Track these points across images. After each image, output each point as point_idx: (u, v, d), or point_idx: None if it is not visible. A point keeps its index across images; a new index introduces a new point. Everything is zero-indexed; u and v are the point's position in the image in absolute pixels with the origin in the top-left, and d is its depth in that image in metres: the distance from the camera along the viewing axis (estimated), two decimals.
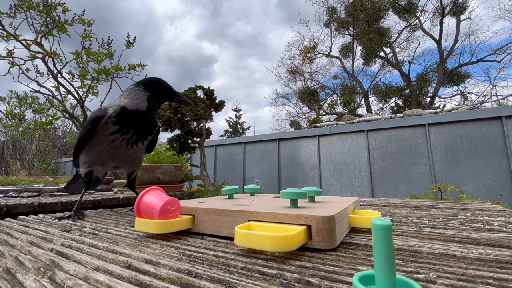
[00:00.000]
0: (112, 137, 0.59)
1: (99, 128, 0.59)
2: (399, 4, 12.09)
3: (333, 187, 3.09)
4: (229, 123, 18.96)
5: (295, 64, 15.37)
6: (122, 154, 0.62)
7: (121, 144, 0.60)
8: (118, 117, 0.59)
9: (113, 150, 0.61)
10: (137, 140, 0.62)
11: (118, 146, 0.60)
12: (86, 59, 3.11)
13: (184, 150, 3.09)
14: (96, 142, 0.61)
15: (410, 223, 0.51)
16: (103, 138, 0.60)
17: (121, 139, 0.60)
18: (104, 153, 0.61)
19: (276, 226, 0.36)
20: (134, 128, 0.61)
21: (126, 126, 0.60)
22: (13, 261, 0.32)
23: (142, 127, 0.62)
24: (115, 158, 0.63)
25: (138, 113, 0.60)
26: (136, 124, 0.61)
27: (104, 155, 0.62)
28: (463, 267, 0.27)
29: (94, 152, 0.62)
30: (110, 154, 0.61)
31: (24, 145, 4.59)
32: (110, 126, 0.59)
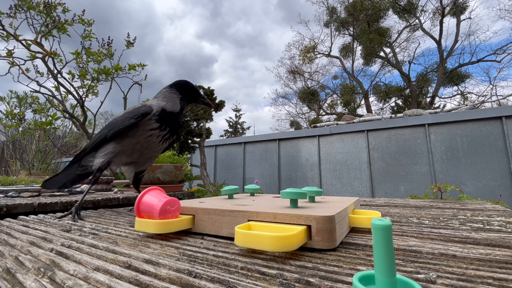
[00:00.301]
0: (151, 132, 0.64)
1: (142, 123, 0.63)
2: (399, 4, 12.09)
3: (333, 187, 3.09)
4: (229, 123, 18.96)
5: (295, 64, 15.38)
6: (151, 149, 0.67)
7: (156, 139, 0.65)
8: (160, 116, 0.65)
9: (146, 144, 0.65)
10: (168, 138, 0.68)
11: (153, 141, 0.65)
12: (86, 59, 3.11)
13: (184, 150, 3.09)
14: (134, 135, 0.64)
15: (410, 223, 0.51)
16: (141, 132, 0.64)
17: (158, 135, 0.65)
18: (138, 145, 0.65)
19: (276, 226, 0.36)
20: (170, 127, 0.66)
21: (164, 124, 0.65)
22: (13, 261, 0.32)
23: (175, 126, 0.68)
24: (143, 152, 0.67)
25: (173, 114, 0.66)
26: (171, 123, 0.66)
27: (136, 147, 0.65)
28: (463, 267, 0.27)
29: (128, 143, 0.64)
30: (142, 148, 0.66)
31: (24, 145, 4.59)
32: (153, 123, 0.64)
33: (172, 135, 0.68)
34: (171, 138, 0.69)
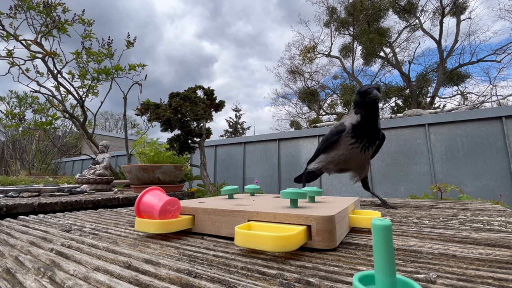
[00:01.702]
0: (351, 146, 0.74)
1: (342, 139, 0.74)
2: (399, 4, 12.09)
3: (333, 187, 3.09)
4: (229, 123, 18.96)
5: (295, 64, 15.37)
6: (355, 159, 0.75)
7: (357, 150, 0.74)
8: (354, 132, 0.73)
9: (350, 155, 0.75)
10: (368, 146, 0.74)
11: (355, 152, 0.74)
12: (86, 59, 3.11)
13: (184, 150, 3.09)
14: (338, 148, 0.76)
15: (410, 223, 0.51)
16: (343, 146, 0.75)
17: (357, 146, 0.73)
18: (343, 156, 0.76)
19: (276, 226, 0.36)
20: (367, 137, 0.72)
21: (360, 137, 0.72)
22: (13, 261, 0.32)
23: (370, 135, 0.73)
24: (348, 162, 0.77)
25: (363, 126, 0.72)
26: (366, 133, 0.72)
27: (341, 158, 0.76)
28: (463, 267, 0.27)
29: (334, 155, 0.77)
30: (346, 158, 0.76)
31: (24, 145, 4.59)
32: (350, 138, 0.73)
33: (370, 144, 0.73)
34: (371, 147, 0.74)
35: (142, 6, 60.80)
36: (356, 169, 0.80)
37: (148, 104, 3.17)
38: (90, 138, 3.05)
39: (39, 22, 2.92)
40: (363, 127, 0.72)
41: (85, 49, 3.09)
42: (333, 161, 0.79)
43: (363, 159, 0.76)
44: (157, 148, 1.65)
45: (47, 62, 2.90)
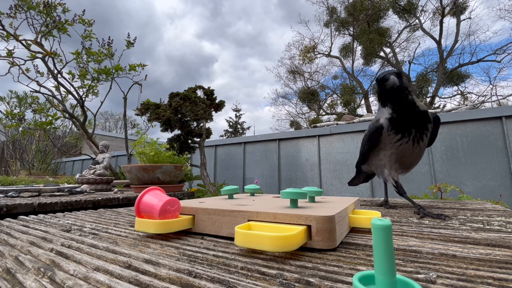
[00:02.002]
0: (399, 143, 0.64)
1: (382, 138, 0.66)
2: (399, 4, 12.09)
3: (333, 187, 3.09)
4: (229, 123, 18.96)
5: (295, 64, 15.38)
6: (409, 155, 0.65)
7: (407, 146, 0.64)
8: (394, 127, 0.63)
9: (401, 153, 0.65)
10: (420, 136, 0.63)
11: (406, 148, 0.64)
12: (86, 59, 3.11)
13: (184, 150, 3.09)
14: (385, 149, 0.67)
15: (410, 223, 0.51)
16: (389, 145, 0.65)
17: (406, 141, 0.63)
18: (393, 157, 0.66)
19: (276, 226, 0.36)
20: (414, 127, 0.62)
21: (406, 129, 0.63)
22: (13, 261, 0.32)
23: (416, 122, 0.62)
24: (402, 160, 0.67)
25: (400, 116, 0.62)
26: (410, 123, 0.62)
27: (393, 159, 0.67)
28: (463, 267, 0.27)
29: (384, 156, 0.68)
30: (398, 157, 0.66)
31: (24, 145, 4.59)
32: (394, 135, 0.64)
33: (421, 132, 0.63)
34: (425, 134, 0.63)
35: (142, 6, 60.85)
36: (413, 165, 0.69)
37: (148, 104, 3.17)
38: (90, 138, 3.05)
39: (39, 22, 2.92)
40: (402, 117, 0.62)
41: (85, 49, 3.09)
42: (385, 165, 0.68)
43: (418, 152, 0.65)
44: (157, 148, 1.65)
45: (47, 62, 2.90)
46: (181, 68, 54.35)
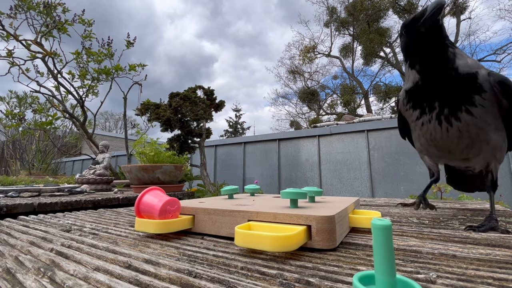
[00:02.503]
0: (420, 121, 0.47)
1: (403, 114, 0.51)
2: (399, 4, 12.09)
3: (333, 187, 3.09)
4: (229, 123, 18.96)
5: (295, 64, 15.39)
6: (442, 139, 0.46)
7: (431, 126, 0.46)
8: (411, 99, 0.47)
9: (429, 136, 0.47)
10: (451, 114, 0.43)
11: (431, 130, 0.46)
12: (86, 59, 3.11)
13: (184, 150, 3.09)
14: (413, 132, 0.52)
15: (410, 223, 0.51)
16: (412, 125, 0.50)
17: (428, 120, 0.46)
18: (422, 140, 0.50)
19: (276, 226, 0.36)
20: (438, 100, 0.43)
21: (425, 102, 0.45)
22: (13, 261, 0.32)
23: (445, 94, 0.42)
24: (438, 146, 0.48)
25: (426, 81, 0.44)
26: (435, 91, 0.43)
27: (423, 143, 0.50)
28: (463, 267, 0.27)
29: (415, 139, 0.53)
30: (429, 142, 0.49)
31: (24, 145, 4.59)
32: (411, 111, 0.49)
33: (452, 107, 0.43)
34: (463, 110, 0.42)
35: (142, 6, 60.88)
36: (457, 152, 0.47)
37: (148, 104, 3.17)
38: (90, 138, 3.05)
39: (39, 22, 2.92)
40: (426, 84, 0.44)
41: (85, 49, 3.09)
42: (422, 150, 0.53)
43: (455, 136, 0.44)
44: (157, 148, 1.65)
45: (47, 62, 2.90)
46: (181, 68, 54.37)
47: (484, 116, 0.42)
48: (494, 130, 0.43)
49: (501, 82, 0.41)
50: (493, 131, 0.43)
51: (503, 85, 0.41)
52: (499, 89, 0.41)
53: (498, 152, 0.45)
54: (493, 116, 0.43)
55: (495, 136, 0.43)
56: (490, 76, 0.42)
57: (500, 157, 0.46)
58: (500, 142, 0.44)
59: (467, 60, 0.43)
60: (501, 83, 0.41)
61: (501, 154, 0.45)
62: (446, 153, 0.49)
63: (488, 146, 0.44)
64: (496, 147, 0.44)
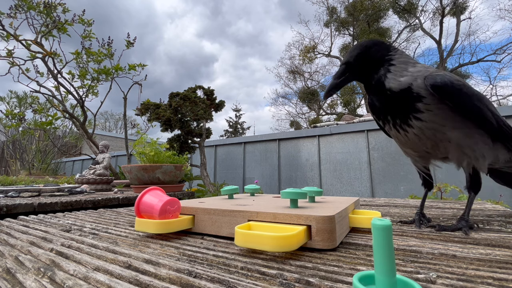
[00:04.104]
0: (387, 128, 0.51)
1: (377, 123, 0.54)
2: (399, 4, 12.09)
3: (333, 187, 3.09)
4: (229, 123, 18.97)
5: (295, 64, 15.39)
6: (409, 143, 0.50)
7: (394, 132, 0.50)
8: (373, 112, 0.50)
9: (397, 140, 0.52)
10: (404, 123, 0.46)
11: (396, 135, 0.50)
12: (86, 59, 3.12)
13: (184, 150, 3.09)
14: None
15: (410, 223, 0.51)
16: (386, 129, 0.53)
17: (389, 128, 0.50)
18: (397, 143, 0.53)
19: (276, 226, 0.36)
20: (389, 114, 0.47)
21: (381, 116, 0.49)
22: (13, 261, 0.32)
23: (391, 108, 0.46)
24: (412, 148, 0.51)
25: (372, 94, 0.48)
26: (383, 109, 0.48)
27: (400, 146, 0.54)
28: (463, 267, 0.27)
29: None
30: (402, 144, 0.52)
31: (24, 145, 4.59)
32: (378, 121, 0.52)
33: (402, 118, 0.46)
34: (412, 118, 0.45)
35: (142, 5, 60.91)
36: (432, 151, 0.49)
37: (148, 104, 3.17)
38: (90, 138, 3.05)
39: (39, 22, 2.92)
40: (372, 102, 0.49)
41: (85, 49, 3.09)
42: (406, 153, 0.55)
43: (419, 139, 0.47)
44: (157, 148, 1.66)
45: (47, 62, 2.90)
46: (181, 67, 54.39)
47: (434, 118, 0.44)
48: (451, 128, 0.44)
49: (434, 86, 0.42)
50: (450, 130, 0.44)
51: (436, 88, 0.42)
52: (434, 93, 0.42)
53: (467, 149, 0.44)
54: (446, 116, 0.43)
55: (454, 134, 0.44)
56: (426, 82, 0.43)
57: (474, 154, 0.45)
58: (463, 139, 0.44)
59: (404, 75, 0.45)
60: (434, 86, 0.42)
61: (472, 151, 0.44)
62: (424, 153, 0.50)
63: (451, 144, 0.45)
64: (461, 144, 0.44)
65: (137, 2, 60.32)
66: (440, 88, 0.41)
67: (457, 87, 0.41)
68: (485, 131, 0.45)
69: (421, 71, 0.44)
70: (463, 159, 0.46)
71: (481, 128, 0.44)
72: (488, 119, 0.43)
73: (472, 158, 0.45)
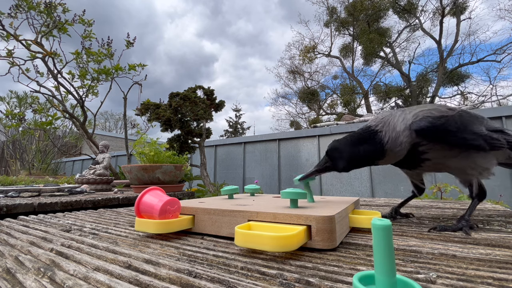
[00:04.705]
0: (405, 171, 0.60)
1: None
2: (399, 4, 12.09)
3: (333, 187, 3.09)
4: (229, 123, 18.97)
5: (295, 64, 15.38)
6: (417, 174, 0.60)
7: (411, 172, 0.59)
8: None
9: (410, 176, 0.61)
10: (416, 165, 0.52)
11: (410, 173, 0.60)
12: (86, 59, 3.12)
13: (184, 150, 3.09)
14: None
15: (410, 223, 0.51)
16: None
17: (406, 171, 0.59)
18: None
19: (276, 226, 0.36)
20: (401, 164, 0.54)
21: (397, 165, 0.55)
22: (13, 261, 0.32)
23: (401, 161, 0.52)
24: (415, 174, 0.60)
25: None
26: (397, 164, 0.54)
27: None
28: (463, 267, 0.27)
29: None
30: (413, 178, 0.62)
31: (24, 145, 4.59)
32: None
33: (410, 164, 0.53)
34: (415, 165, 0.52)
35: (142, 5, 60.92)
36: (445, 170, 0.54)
37: (148, 104, 3.17)
38: (90, 138, 3.05)
39: (39, 22, 2.92)
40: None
41: (85, 49, 3.09)
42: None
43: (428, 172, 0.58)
44: (157, 148, 1.65)
45: (47, 62, 2.90)
46: (181, 67, 54.39)
47: (436, 155, 0.48)
48: (451, 157, 0.48)
49: (417, 133, 0.45)
50: (449, 159, 0.48)
51: (420, 135, 0.45)
52: (420, 137, 0.45)
53: (470, 170, 0.48)
54: (444, 150, 0.47)
55: (453, 162, 0.48)
56: (412, 128, 0.45)
57: (473, 172, 0.49)
58: (460, 164, 0.48)
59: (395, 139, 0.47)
60: (418, 134, 0.45)
61: (473, 170, 0.48)
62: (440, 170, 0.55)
63: (451, 170, 0.50)
64: (459, 168, 0.49)
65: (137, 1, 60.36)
66: (424, 133, 0.44)
67: (440, 128, 0.44)
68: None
69: (405, 123, 0.47)
70: (470, 178, 0.50)
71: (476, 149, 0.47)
72: (478, 145, 0.45)
73: (475, 176, 0.49)
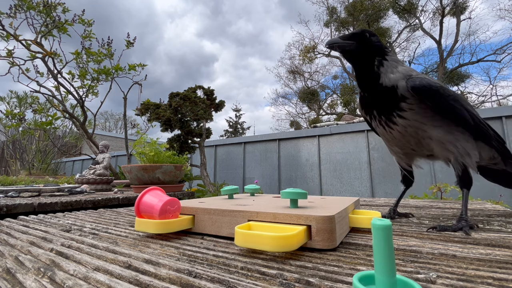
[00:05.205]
0: (374, 125, 0.53)
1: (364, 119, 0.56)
2: (399, 4, 12.09)
3: (333, 187, 3.09)
4: (229, 123, 18.96)
5: (295, 64, 15.38)
6: (394, 141, 0.52)
7: (380, 130, 0.52)
8: (363, 106, 0.52)
9: (383, 137, 0.54)
10: (388, 119, 0.49)
11: (384, 133, 0.52)
12: (86, 59, 3.11)
13: (184, 150, 3.09)
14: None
15: (410, 223, 0.51)
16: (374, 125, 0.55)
17: (376, 125, 0.52)
18: (384, 140, 0.55)
19: (276, 226, 0.36)
20: (375, 109, 0.49)
21: (369, 111, 0.51)
22: (13, 261, 0.32)
23: (378, 104, 0.48)
24: (398, 145, 0.53)
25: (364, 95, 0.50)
26: (372, 104, 0.49)
27: (386, 144, 0.56)
28: (463, 267, 0.27)
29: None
30: (388, 141, 0.54)
31: (24, 145, 4.59)
32: (366, 116, 0.54)
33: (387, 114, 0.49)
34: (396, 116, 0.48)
35: (142, 5, 60.89)
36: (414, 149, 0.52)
37: (148, 104, 3.17)
38: (90, 138, 3.05)
39: (39, 22, 2.92)
40: (364, 95, 0.51)
41: (85, 49, 3.09)
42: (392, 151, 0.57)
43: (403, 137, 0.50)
44: (157, 148, 1.65)
45: (47, 62, 2.90)
46: (181, 67, 54.38)
47: (416, 117, 0.47)
48: (432, 127, 0.47)
49: (414, 88, 0.45)
50: (431, 128, 0.47)
51: (416, 90, 0.45)
52: (414, 94, 0.45)
53: (449, 145, 0.46)
54: (427, 116, 0.46)
55: (435, 132, 0.47)
56: (407, 84, 0.46)
57: (458, 150, 0.46)
58: (443, 135, 0.46)
59: (394, 72, 0.48)
60: (414, 88, 0.45)
61: (454, 147, 0.46)
62: (409, 150, 0.53)
63: (433, 142, 0.48)
64: (443, 141, 0.47)
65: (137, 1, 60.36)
66: (419, 90, 0.45)
67: (435, 88, 0.45)
68: (465, 129, 0.47)
69: (404, 74, 0.48)
70: (449, 155, 0.48)
71: (460, 126, 0.47)
72: (463, 117, 0.45)
73: (457, 155, 0.47)
